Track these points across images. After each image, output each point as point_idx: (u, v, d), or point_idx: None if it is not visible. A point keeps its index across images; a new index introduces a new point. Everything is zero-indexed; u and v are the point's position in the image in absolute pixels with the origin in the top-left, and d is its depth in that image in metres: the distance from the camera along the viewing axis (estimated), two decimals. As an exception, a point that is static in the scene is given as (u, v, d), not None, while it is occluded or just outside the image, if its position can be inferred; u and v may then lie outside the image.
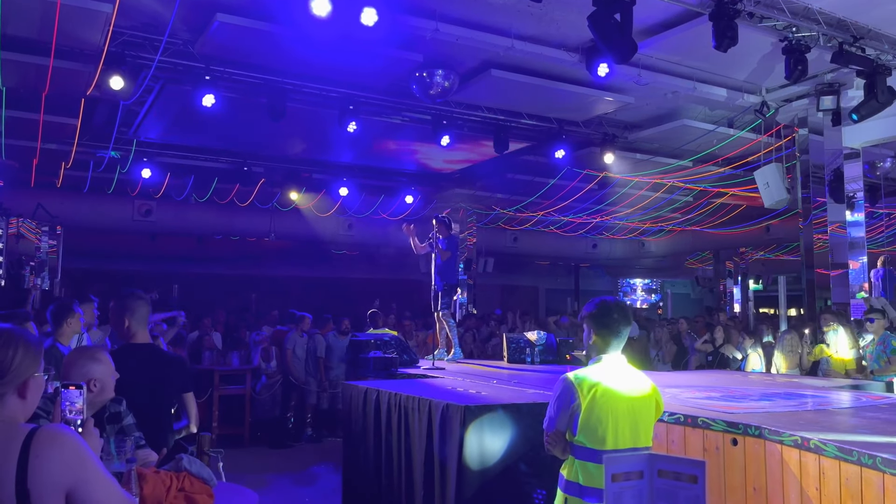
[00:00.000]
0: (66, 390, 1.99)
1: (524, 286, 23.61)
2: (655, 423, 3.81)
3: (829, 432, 3.56)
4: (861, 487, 3.07)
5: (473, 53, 8.65)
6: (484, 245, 17.66)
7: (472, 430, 4.13)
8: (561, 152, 11.25)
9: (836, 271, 9.84)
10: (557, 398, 3.02)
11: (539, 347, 8.03)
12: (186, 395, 3.77)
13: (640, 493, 2.06)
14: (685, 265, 23.88)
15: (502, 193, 15.83)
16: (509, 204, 16.04)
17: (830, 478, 3.25)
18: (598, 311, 3.13)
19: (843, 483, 3.17)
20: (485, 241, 17.63)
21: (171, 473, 2.43)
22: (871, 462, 3.00)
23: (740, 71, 9.36)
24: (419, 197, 15.02)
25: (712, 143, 11.47)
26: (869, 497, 3.03)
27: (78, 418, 1.97)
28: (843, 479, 3.17)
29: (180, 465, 2.49)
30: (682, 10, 7.43)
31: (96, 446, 1.96)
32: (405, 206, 14.96)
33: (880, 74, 8.20)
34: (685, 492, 1.97)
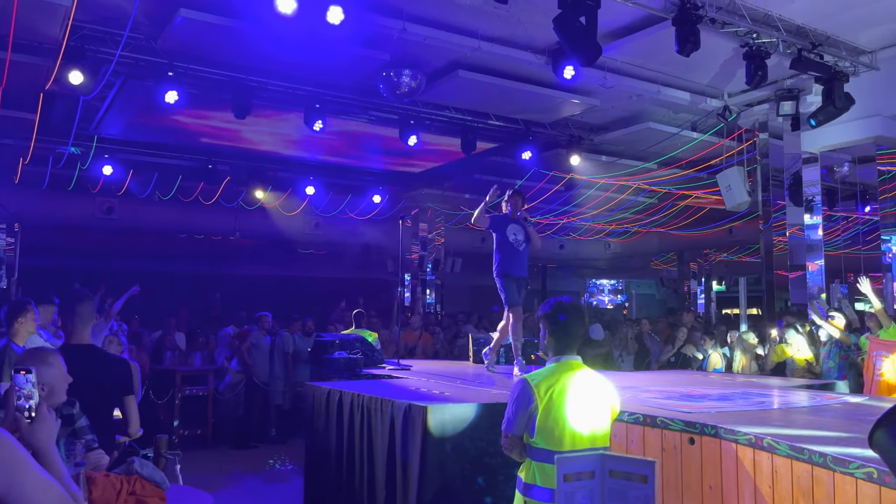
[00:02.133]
0: (16, 375, 1.94)
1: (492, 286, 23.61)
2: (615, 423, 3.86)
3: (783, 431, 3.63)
4: (812, 485, 3.14)
5: (441, 53, 8.66)
6: (452, 245, 17.67)
7: (434, 430, 4.14)
8: (528, 154, 11.32)
9: (795, 273, 10.06)
10: (515, 400, 3.03)
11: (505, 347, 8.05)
12: (127, 399, 3.67)
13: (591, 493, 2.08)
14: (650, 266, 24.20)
15: (470, 194, 15.85)
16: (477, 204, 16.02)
17: (783, 476, 3.31)
18: (554, 311, 3.14)
19: (795, 481, 3.23)
20: (453, 241, 17.64)
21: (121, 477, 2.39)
22: (821, 461, 3.07)
23: (703, 75, 9.51)
24: (387, 196, 14.99)
25: (676, 146, 11.64)
26: (819, 495, 3.10)
27: (27, 403, 1.91)
28: (795, 478, 3.23)
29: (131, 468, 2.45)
30: (646, 15, 7.53)
31: (52, 430, 1.90)
32: (373, 205, 14.91)
33: (837, 81, 8.40)
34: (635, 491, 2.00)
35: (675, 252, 21.54)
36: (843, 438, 3.40)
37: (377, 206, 14.89)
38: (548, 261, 22.82)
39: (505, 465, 3.85)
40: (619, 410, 3.31)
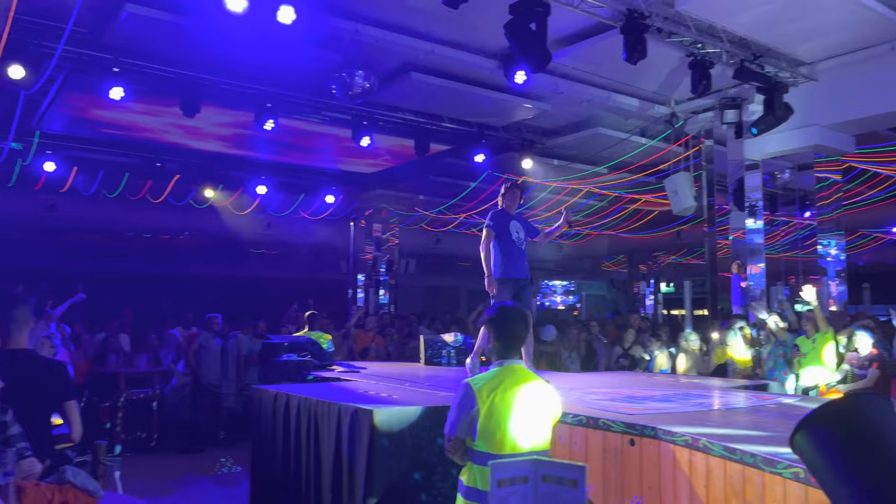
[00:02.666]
0: None
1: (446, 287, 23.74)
2: (559, 425, 3.92)
3: (719, 432, 3.75)
4: (744, 485, 3.26)
5: (394, 55, 8.66)
6: (406, 246, 17.67)
7: (381, 434, 4.14)
8: (481, 156, 11.41)
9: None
10: (458, 404, 3.06)
11: (456, 349, 8.11)
12: (68, 404, 3.58)
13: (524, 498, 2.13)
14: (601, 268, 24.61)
15: (424, 195, 15.89)
16: (432, 205, 16.11)
17: (717, 476, 3.42)
18: (499, 316, 3.19)
19: (728, 481, 3.35)
20: (407, 242, 17.65)
21: (53, 486, 2.34)
22: (752, 461, 3.18)
23: (651, 82, 9.73)
24: (340, 197, 14.91)
25: (625, 151, 11.86)
26: (750, 494, 3.22)
27: None
28: (728, 478, 3.35)
29: (63, 477, 2.40)
30: (595, 23, 7.67)
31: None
32: (326, 205, 14.81)
33: (778, 91, 8.69)
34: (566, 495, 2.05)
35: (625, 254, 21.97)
36: (775, 438, 3.52)
37: (330, 206, 14.80)
38: (501, 262, 22.94)
39: (451, 469, 3.88)
40: (561, 414, 3.37)
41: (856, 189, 12.85)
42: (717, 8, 7.47)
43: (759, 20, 7.76)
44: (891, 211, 14.70)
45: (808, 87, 9.21)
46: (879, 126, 10.23)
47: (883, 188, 13.24)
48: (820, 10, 7.40)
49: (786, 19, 7.72)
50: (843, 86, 9.04)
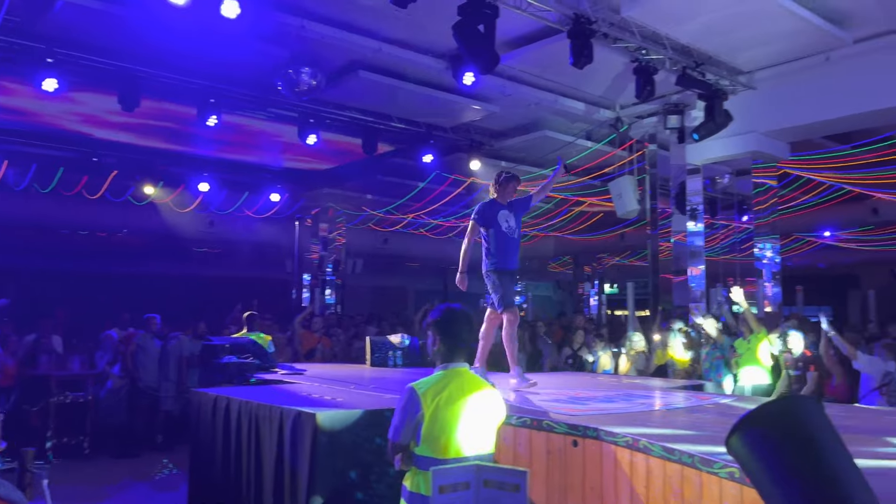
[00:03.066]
0: None
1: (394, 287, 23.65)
2: (504, 427, 3.93)
3: (659, 432, 3.81)
4: (682, 485, 3.31)
5: (342, 53, 8.58)
6: (353, 246, 17.53)
7: (324, 437, 4.08)
8: (429, 157, 11.39)
9: (679, 277, 10.62)
10: (402, 409, 3.02)
11: (402, 350, 8.06)
12: None
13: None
14: (548, 269, 24.89)
15: (372, 194, 15.80)
16: (379, 205, 16.03)
17: (656, 476, 3.47)
18: (444, 319, 3.16)
19: (667, 481, 3.40)
20: (354, 242, 17.50)
21: (-29, 500, 2.21)
22: (690, 461, 3.24)
23: (597, 87, 9.88)
24: (286, 195, 14.68)
25: (572, 154, 12.01)
26: (689, 494, 3.27)
27: None
28: (667, 478, 3.40)
29: (-16, 489, 2.26)
30: (543, 27, 7.73)
31: None
32: (271, 203, 14.56)
33: (718, 98, 8.93)
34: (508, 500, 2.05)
35: (570, 256, 22.27)
36: (713, 438, 3.59)
37: (275, 204, 14.56)
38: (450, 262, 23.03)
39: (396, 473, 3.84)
40: (505, 416, 3.36)
41: (790, 194, 13.33)
42: (661, 16, 7.62)
43: (701, 29, 7.95)
44: (822, 216, 15.30)
45: (747, 95, 9.49)
46: (813, 134, 10.63)
47: (815, 194, 13.77)
48: (758, 20, 7.62)
49: (726, 29, 7.93)
50: (780, 94, 9.34)
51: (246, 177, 14.44)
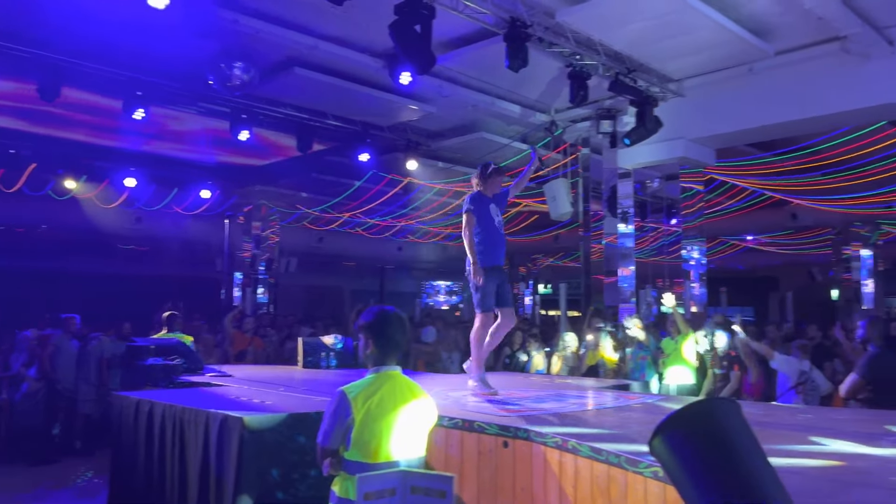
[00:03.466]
0: None
1: (329, 287, 23.40)
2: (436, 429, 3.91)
3: (588, 432, 3.87)
4: (608, 485, 3.37)
5: (276, 49, 8.42)
6: (287, 244, 17.25)
7: (252, 442, 3.98)
8: (365, 156, 11.30)
9: (610, 278, 10.86)
10: (332, 413, 2.97)
11: (336, 352, 7.96)
12: None
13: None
14: (485, 269, 25.00)
15: (307, 192, 15.58)
16: (314, 203, 15.82)
17: (584, 476, 3.53)
18: (377, 321, 3.12)
19: (594, 481, 3.46)
20: (288, 241, 17.23)
21: None
22: (616, 461, 3.30)
23: (533, 90, 10.00)
24: (217, 192, 14.31)
25: (508, 156, 12.13)
26: (614, 493, 3.34)
27: None
28: (595, 478, 3.46)
29: None
30: (480, 28, 7.76)
31: None
32: (201, 200, 14.17)
33: (649, 105, 9.16)
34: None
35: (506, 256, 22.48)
36: (639, 438, 3.68)
37: (206, 201, 14.17)
38: (386, 262, 23.00)
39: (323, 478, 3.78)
40: (437, 419, 3.35)
41: (716, 199, 13.82)
42: (595, 22, 7.76)
43: (633, 37, 8.14)
44: (745, 220, 15.92)
45: (676, 102, 9.78)
46: (737, 142, 11.04)
47: (739, 199, 14.33)
48: (688, 30, 7.85)
49: (657, 38, 8.14)
50: (707, 103, 9.66)
51: (175, 172, 14.01)
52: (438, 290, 28.76)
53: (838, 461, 3.26)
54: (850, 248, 16.74)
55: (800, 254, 20.51)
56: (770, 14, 7.68)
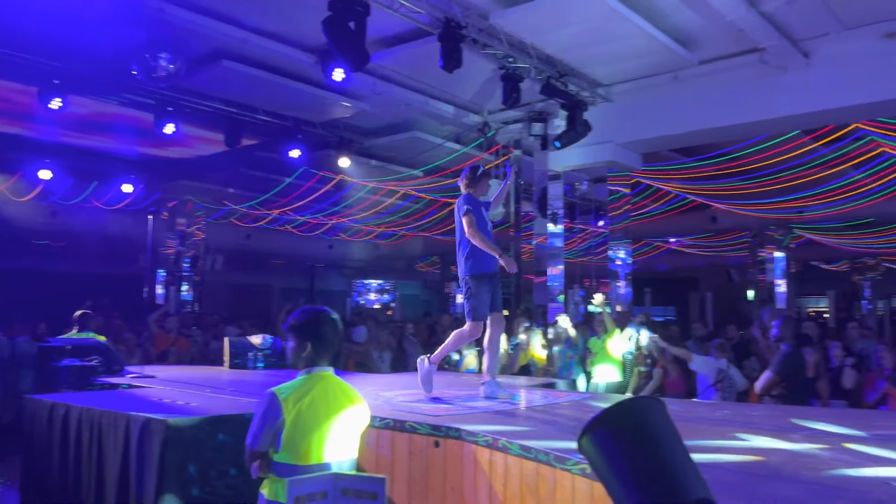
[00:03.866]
0: None
1: (257, 285, 22.91)
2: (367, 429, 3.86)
3: (517, 430, 3.92)
4: (537, 482, 3.42)
5: (205, 40, 8.19)
6: (213, 241, 16.79)
7: (174, 447, 3.85)
8: (296, 152, 11.11)
9: (540, 278, 11.04)
10: (262, 414, 2.91)
11: (264, 352, 7.80)
12: None
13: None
14: (415, 268, 25.10)
15: (235, 188, 15.22)
16: (243, 200, 15.46)
17: (514, 475, 3.57)
18: (311, 321, 3.07)
19: (524, 479, 3.50)
20: (215, 237, 16.77)
21: None
22: (545, 459, 3.35)
23: (466, 91, 10.06)
24: (140, 186, 13.79)
25: (441, 155, 12.18)
26: (543, 491, 3.39)
27: None
28: (524, 476, 3.50)
29: None
30: (414, 28, 7.75)
31: None
32: (123, 194, 13.62)
33: (579, 109, 9.36)
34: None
35: (438, 255, 22.58)
36: (568, 435, 3.74)
37: (128, 195, 13.63)
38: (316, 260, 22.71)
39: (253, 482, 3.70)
40: (370, 419, 3.32)
41: (641, 202, 14.24)
42: (527, 26, 7.87)
43: (565, 41, 8.29)
44: (668, 223, 16.48)
45: (605, 107, 10.02)
46: (662, 147, 11.42)
47: (663, 202, 14.81)
48: (616, 38, 8.05)
49: (587, 43, 8.31)
50: (634, 108, 9.94)
51: (95, 165, 13.41)
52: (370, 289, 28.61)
53: (755, 455, 3.41)
54: (766, 250, 17.55)
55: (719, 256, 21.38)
56: (694, 25, 7.96)
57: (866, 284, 22.84)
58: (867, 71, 8.12)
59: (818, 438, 3.85)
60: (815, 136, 10.80)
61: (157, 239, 15.55)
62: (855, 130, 10.47)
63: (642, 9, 7.54)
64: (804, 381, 6.37)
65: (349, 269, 25.69)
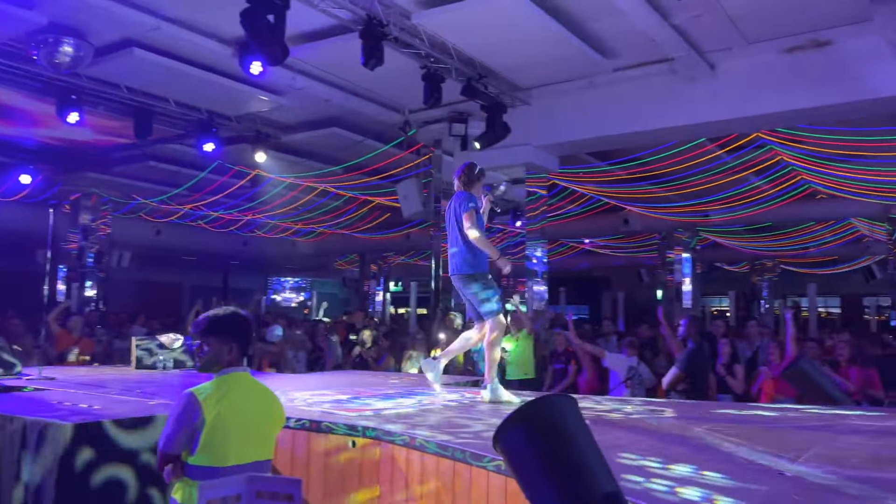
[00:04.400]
0: None
1: (167, 282, 22.13)
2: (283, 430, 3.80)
3: (435, 429, 3.95)
4: (453, 480, 3.46)
5: (114, 27, 7.83)
6: (120, 236, 16.08)
7: (76, 452, 3.67)
8: (211, 145, 10.76)
9: (459, 277, 11.12)
10: (178, 416, 2.83)
11: (174, 352, 7.55)
12: None
13: (237, 518, 2.03)
14: (334, 266, 24.84)
15: (145, 182, 14.62)
16: (153, 194, 14.87)
17: (431, 473, 3.60)
18: (235, 322, 3.06)
19: (440, 477, 3.53)
20: (122, 233, 16.06)
21: None
22: (462, 457, 3.40)
23: (388, 89, 10.02)
24: (39, 177, 13.02)
25: (361, 153, 12.08)
26: (459, 488, 3.43)
27: None
28: (440, 474, 3.54)
29: None
30: (336, 23, 7.66)
31: None
32: (20, 185, 12.83)
33: (498, 111, 9.49)
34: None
35: (357, 253, 22.42)
36: (484, 434, 3.80)
37: (26, 187, 12.86)
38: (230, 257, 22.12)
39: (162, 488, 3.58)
40: (285, 419, 3.29)
41: (557, 203, 14.59)
42: (449, 27, 7.91)
43: (485, 44, 8.39)
44: (583, 224, 16.96)
45: (524, 110, 10.20)
46: (578, 150, 11.74)
47: (578, 204, 15.23)
48: (535, 42, 8.21)
49: (507, 47, 8.44)
50: (552, 112, 10.17)
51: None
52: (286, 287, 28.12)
53: (657, 449, 3.56)
54: (673, 251, 18.30)
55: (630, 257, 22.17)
56: (610, 33, 8.21)
57: (764, 285, 24.23)
58: (768, 83, 8.61)
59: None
60: (720, 144, 11.36)
61: (58, 233, 14.73)
62: (756, 139, 11.09)
63: (561, 15, 7.71)
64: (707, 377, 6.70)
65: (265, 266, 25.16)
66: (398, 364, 9.32)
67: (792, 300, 26.36)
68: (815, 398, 5.59)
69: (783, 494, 2.63)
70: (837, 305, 28.14)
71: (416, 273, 23.64)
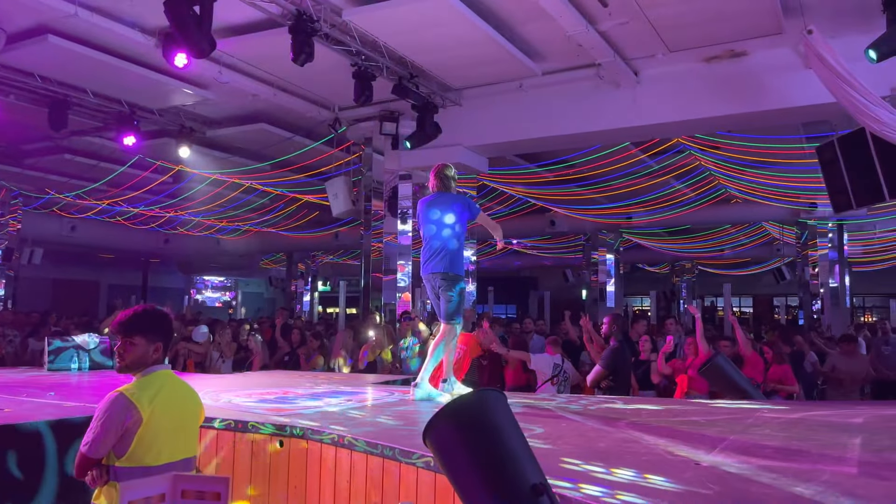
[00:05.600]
0: None
1: (82, 280, 21.21)
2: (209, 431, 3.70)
3: (364, 428, 3.94)
4: (382, 477, 3.47)
5: (27, 12, 7.46)
6: (32, 232, 15.32)
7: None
8: (131, 139, 10.37)
9: (389, 276, 11.10)
10: (108, 418, 2.71)
11: (90, 352, 7.25)
12: None
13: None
14: (260, 265, 24.35)
15: (59, 176, 13.97)
16: (68, 188, 14.22)
17: (359, 471, 3.59)
18: (162, 320, 3.01)
19: (369, 474, 3.53)
20: (33, 229, 15.31)
21: None
22: (391, 454, 3.41)
23: (318, 86, 9.90)
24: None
25: (290, 150, 11.90)
26: (388, 485, 3.44)
27: None
28: (369, 471, 3.53)
29: None
30: (265, 18, 7.51)
31: None
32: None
33: (429, 111, 9.52)
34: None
35: (284, 252, 22.06)
36: (415, 430, 3.82)
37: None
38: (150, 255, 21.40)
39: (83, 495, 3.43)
40: (205, 416, 3.25)
41: (487, 204, 14.76)
42: (379, 25, 7.88)
43: (416, 44, 8.39)
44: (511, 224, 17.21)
45: (455, 110, 10.27)
46: (507, 152, 11.90)
47: (507, 205, 15.45)
48: (466, 44, 8.27)
49: (438, 47, 8.47)
50: (482, 113, 10.27)
51: None
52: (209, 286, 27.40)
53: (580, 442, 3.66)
54: (598, 252, 18.80)
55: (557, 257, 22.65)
56: (539, 37, 8.36)
57: (683, 285, 25.21)
58: (687, 91, 8.96)
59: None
60: (643, 148, 11.75)
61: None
62: (676, 144, 11.53)
63: (491, 17, 7.80)
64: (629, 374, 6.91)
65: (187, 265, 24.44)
66: (327, 363, 9.22)
67: (709, 299, 27.48)
68: (729, 393, 5.86)
69: (699, 484, 2.76)
70: (750, 305, 29.57)
71: (345, 272, 23.46)
